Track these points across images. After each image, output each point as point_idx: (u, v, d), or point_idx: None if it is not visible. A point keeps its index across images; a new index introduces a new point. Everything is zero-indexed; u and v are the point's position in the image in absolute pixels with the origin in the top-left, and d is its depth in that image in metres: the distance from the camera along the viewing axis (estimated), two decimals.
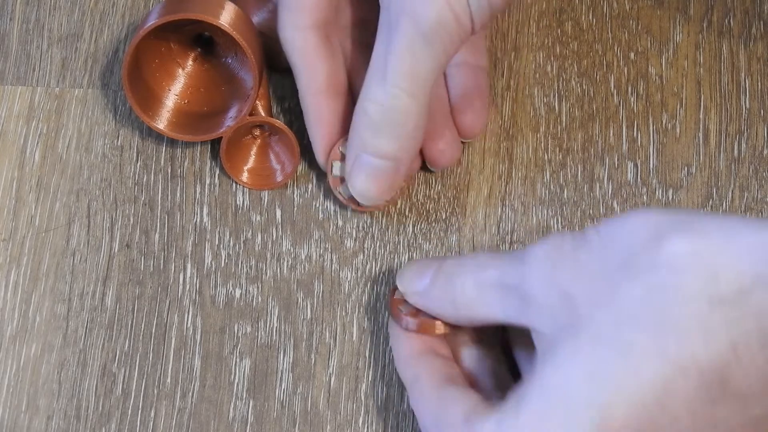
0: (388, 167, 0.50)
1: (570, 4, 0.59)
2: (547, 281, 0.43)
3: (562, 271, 0.43)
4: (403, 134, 0.49)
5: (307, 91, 0.52)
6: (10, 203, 0.55)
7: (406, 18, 0.47)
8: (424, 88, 0.48)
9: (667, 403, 0.39)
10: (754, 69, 0.58)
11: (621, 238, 0.42)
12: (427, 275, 0.49)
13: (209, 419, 0.52)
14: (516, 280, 0.45)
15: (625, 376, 0.40)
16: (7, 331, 0.53)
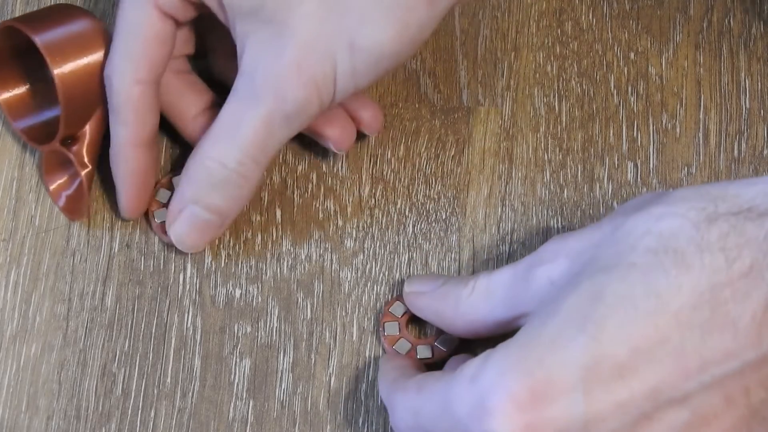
0: (215, 222, 0.51)
1: (570, 4, 0.59)
2: (553, 252, 0.45)
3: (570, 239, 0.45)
4: (238, 195, 0.51)
5: (128, 142, 0.52)
6: (10, 203, 0.55)
7: (272, 95, 0.48)
8: (270, 156, 0.50)
9: (659, 319, 0.40)
10: (754, 69, 0.58)
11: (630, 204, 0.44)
12: (439, 280, 0.50)
13: (209, 419, 0.52)
14: (524, 268, 0.46)
15: (623, 292, 0.40)
16: (7, 331, 0.53)
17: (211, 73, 0.56)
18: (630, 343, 0.40)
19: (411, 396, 0.45)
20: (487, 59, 0.58)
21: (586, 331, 0.40)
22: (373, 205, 0.55)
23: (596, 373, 0.40)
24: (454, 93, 0.57)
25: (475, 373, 0.42)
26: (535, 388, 0.40)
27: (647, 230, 0.41)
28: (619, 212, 0.44)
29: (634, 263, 0.41)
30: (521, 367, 0.40)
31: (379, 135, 0.56)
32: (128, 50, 0.50)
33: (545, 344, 0.40)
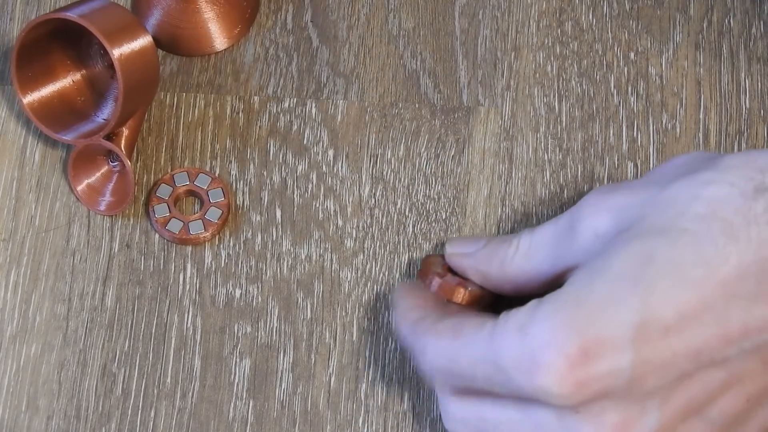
0: None
1: (570, 4, 0.59)
2: (597, 207, 0.45)
3: (614, 194, 0.45)
4: None
5: None
6: (10, 203, 0.55)
7: None
8: None
9: (706, 285, 0.41)
10: (754, 69, 0.58)
11: (677, 161, 0.45)
12: (482, 241, 0.50)
13: (209, 419, 0.52)
14: (566, 222, 0.46)
15: (673, 257, 0.41)
16: (7, 331, 0.53)
17: None
18: (678, 308, 0.41)
19: (446, 342, 0.45)
20: (487, 59, 0.58)
21: (637, 293, 0.41)
22: (373, 205, 0.55)
23: (644, 333, 0.41)
24: (454, 93, 0.57)
25: (524, 324, 0.42)
26: (586, 346, 0.41)
27: (695, 195, 0.42)
28: (662, 172, 0.45)
29: (684, 229, 0.42)
30: (573, 325, 0.41)
31: (379, 134, 0.56)
32: None
33: (597, 303, 0.42)
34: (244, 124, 0.57)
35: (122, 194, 0.54)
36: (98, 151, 0.54)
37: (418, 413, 0.52)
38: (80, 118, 0.55)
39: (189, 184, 0.54)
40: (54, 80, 0.55)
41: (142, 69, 0.53)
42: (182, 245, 0.54)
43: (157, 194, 0.54)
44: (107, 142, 0.53)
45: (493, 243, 0.49)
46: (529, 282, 0.48)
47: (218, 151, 0.56)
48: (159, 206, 0.54)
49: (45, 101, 0.55)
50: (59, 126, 0.54)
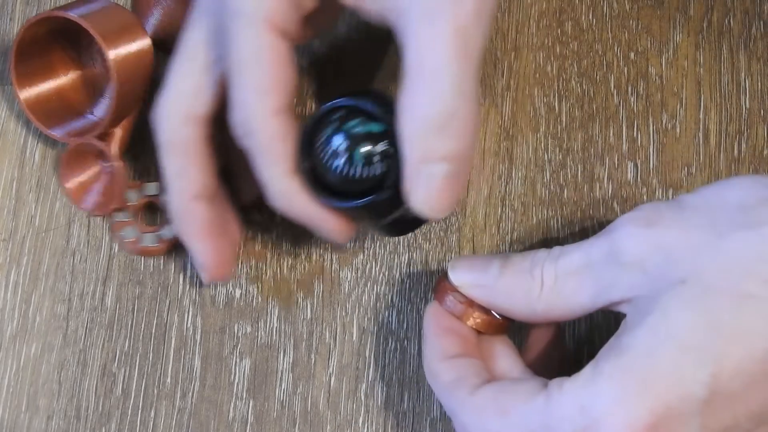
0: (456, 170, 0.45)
1: (570, 4, 0.59)
2: (642, 240, 0.43)
3: (659, 228, 0.43)
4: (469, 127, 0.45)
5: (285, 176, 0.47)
6: (10, 203, 0.55)
7: None
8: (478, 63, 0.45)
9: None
10: (754, 69, 0.58)
11: (729, 196, 0.43)
12: (492, 267, 0.47)
13: (209, 419, 0.52)
14: (603, 252, 0.44)
15: (741, 325, 0.41)
16: (7, 331, 0.53)
17: None
18: (745, 379, 0.41)
19: (489, 418, 0.44)
20: (487, 59, 0.58)
21: (706, 365, 0.41)
22: None
23: (712, 406, 0.41)
24: None
25: (585, 399, 0.41)
26: (654, 422, 0.40)
27: (760, 255, 0.41)
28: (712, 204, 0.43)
29: (750, 294, 0.41)
30: (641, 401, 0.41)
31: None
32: (257, 83, 0.46)
33: (664, 375, 0.41)
34: None
35: (111, 195, 0.54)
36: (90, 150, 0.54)
37: (418, 413, 0.52)
38: (76, 116, 0.55)
39: (155, 195, 0.54)
40: (52, 77, 0.55)
41: (137, 71, 0.53)
42: (138, 255, 0.54)
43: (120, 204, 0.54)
44: (98, 142, 0.53)
45: (510, 274, 0.46)
46: (562, 316, 0.46)
47: None
48: (120, 213, 0.54)
49: (42, 97, 0.55)
50: (55, 123, 0.54)
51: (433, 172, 0.44)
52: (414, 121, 0.44)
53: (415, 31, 0.44)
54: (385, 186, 0.46)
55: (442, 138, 0.44)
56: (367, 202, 0.47)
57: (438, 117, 0.44)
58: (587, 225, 0.55)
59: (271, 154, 0.46)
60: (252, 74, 0.46)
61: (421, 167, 0.44)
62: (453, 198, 0.45)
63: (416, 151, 0.44)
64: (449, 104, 0.44)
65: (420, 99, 0.44)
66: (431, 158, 0.44)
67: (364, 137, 0.46)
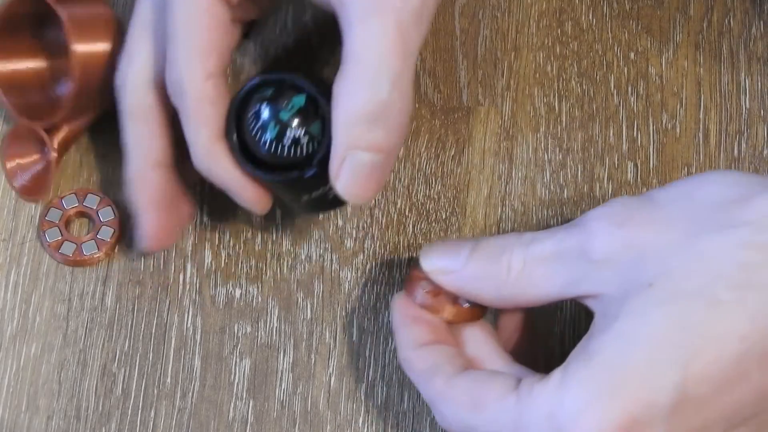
0: (382, 162, 0.47)
1: (570, 4, 0.59)
2: (613, 238, 0.43)
3: (631, 226, 0.43)
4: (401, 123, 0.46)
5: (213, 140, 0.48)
6: (10, 203, 0.55)
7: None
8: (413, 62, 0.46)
9: (743, 359, 0.40)
10: (754, 69, 0.58)
11: (703, 193, 0.43)
12: (461, 253, 0.47)
13: (209, 419, 0.52)
14: (574, 246, 0.44)
15: (712, 328, 0.41)
16: (7, 331, 0.53)
17: None
18: (714, 384, 0.41)
19: (464, 411, 0.44)
20: (487, 59, 0.58)
21: (674, 369, 0.40)
22: (373, 205, 0.55)
23: (680, 412, 0.41)
24: (454, 93, 0.57)
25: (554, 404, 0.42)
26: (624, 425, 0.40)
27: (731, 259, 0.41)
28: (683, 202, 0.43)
29: (720, 300, 0.41)
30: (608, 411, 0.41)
31: None
32: (191, 44, 0.47)
33: (633, 380, 0.41)
34: None
35: (38, 183, 0.54)
36: (33, 135, 0.54)
37: (418, 413, 0.52)
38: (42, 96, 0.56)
39: (78, 205, 0.54)
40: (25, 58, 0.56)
41: (102, 73, 0.52)
42: (76, 267, 0.54)
43: (47, 218, 0.54)
44: (41, 130, 0.53)
45: (478, 258, 0.46)
46: (529, 303, 0.46)
47: None
48: (50, 230, 0.54)
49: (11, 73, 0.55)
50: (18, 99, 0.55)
51: (360, 160, 0.46)
52: (348, 109, 0.45)
53: (358, 21, 0.45)
54: (311, 164, 0.47)
55: (373, 129, 0.45)
56: (291, 178, 0.47)
57: (372, 108, 0.45)
58: None
59: (199, 117, 0.47)
60: (186, 35, 0.47)
61: (348, 154, 0.46)
62: (375, 187, 0.47)
63: (346, 137, 0.46)
64: (385, 98, 0.45)
65: (356, 88, 0.45)
66: (359, 146, 0.46)
67: (294, 114, 0.47)
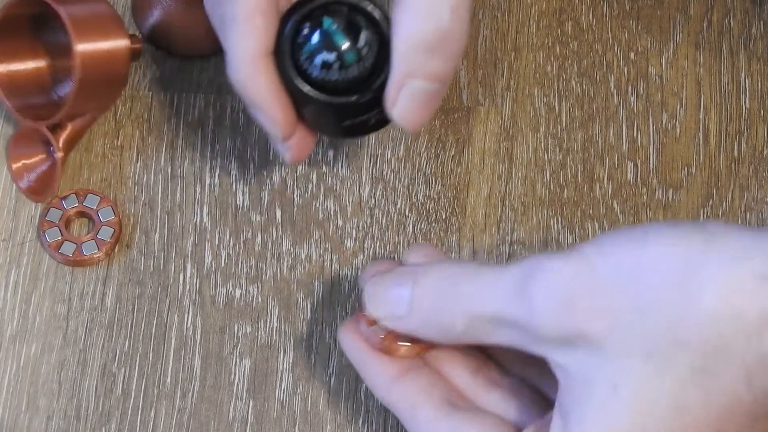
0: (438, 90, 0.47)
1: (570, 4, 0.59)
2: (559, 321, 0.40)
3: (577, 309, 0.40)
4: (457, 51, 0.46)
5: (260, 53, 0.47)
6: (10, 203, 0.55)
7: None
8: None
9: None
10: (754, 69, 0.58)
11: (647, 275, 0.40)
12: (402, 298, 0.44)
13: (209, 419, 0.52)
14: (517, 318, 0.41)
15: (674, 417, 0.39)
16: (7, 331, 0.53)
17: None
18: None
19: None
20: (487, 59, 0.58)
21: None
22: (373, 205, 0.55)
23: None
24: (454, 93, 0.57)
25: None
26: None
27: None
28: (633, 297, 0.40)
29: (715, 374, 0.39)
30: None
31: (379, 135, 0.56)
32: None
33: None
34: (244, 124, 0.57)
35: (44, 183, 0.54)
36: (38, 136, 0.54)
37: None
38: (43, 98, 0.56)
39: (78, 205, 0.54)
40: (21, 60, 0.56)
41: (105, 70, 0.52)
42: (76, 267, 0.54)
43: (47, 218, 0.54)
44: (46, 130, 0.53)
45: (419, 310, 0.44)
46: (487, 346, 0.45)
47: (218, 151, 0.56)
48: (50, 230, 0.54)
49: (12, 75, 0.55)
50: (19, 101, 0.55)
51: (417, 88, 0.46)
52: (408, 36, 0.45)
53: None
54: (363, 89, 0.47)
55: (433, 57, 0.45)
56: (347, 102, 0.48)
57: (432, 36, 0.45)
58: (587, 225, 0.55)
59: (248, 27, 0.46)
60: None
61: (406, 81, 0.46)
62: (429, 114, 0.47)
63: (405, 65, 0.46)
64: (445, 25, 0.45)
65: (416, 16, 0.45)
66: (418, 75, 0.46)
67: (349, 37, 0.47)
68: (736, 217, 0.55)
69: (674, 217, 0.55)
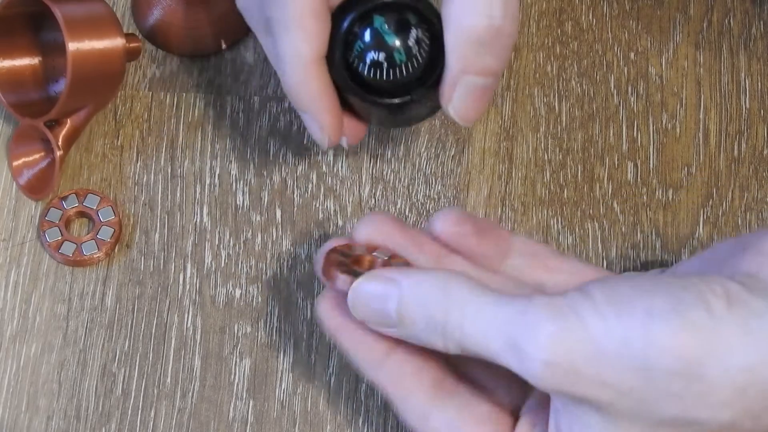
0: (491, 84, 0.47)
1: (570, 4, 0.59)
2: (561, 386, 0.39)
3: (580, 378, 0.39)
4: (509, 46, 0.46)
5: (314, 58, 0.47)
6: (10, 203, 0.55)
7: None
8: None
9: None
10: (754, 69, 0.58)
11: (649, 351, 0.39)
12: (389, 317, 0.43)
13: (209, 419, 0.52)
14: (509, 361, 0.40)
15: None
16: (7, 331, 0.53)
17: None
18: None
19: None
20: None
21: None
22: (373, 205, 0.55)
23: None
24: None
25: None
26: None
27: None
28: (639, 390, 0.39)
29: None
30: None
31: (379, 134, 0.56)
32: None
33: None
34: (244, 124, 0.57)
35: (44, 180, 0.54)
36: (36, 134, 0.54)
37: None
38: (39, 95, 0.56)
39: (78, 205, 0.54)
40: (22, 57, 0.56)
41: (98, 68, 0.52)
42: (76, 267, 0.54)
43: (47, 218, 0.54)
44: (44, 128, 0.53)
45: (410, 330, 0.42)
46: None
47: (218, 151, 0.56)
48: (50, 230, 0.54)
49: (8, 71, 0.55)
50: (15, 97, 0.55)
51: (472, 84, 0.46)
52: (461, 33, 0.46)
53: None
54: (420, 86, 0.48)
55: (486, 53, 0.46)
56: (403, 102, 0.48)
57: (485, 33, 0.45)
58: (587, 225, 0.55)
59: (301, 32, 0.46)
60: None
61: (461, 78, 0.46)
62: (484, 108, 0.48)
63: (460, 61, 0.46)
64: (497, 22, 0.45)
65: (468, 12, 0.45)
66: (472, 71, 0.46)
67: (400, 37, 0.47)
68: (736, 217, 0.55)
69: (674, 217, 0.55)
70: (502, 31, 0.45)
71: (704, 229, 0.55)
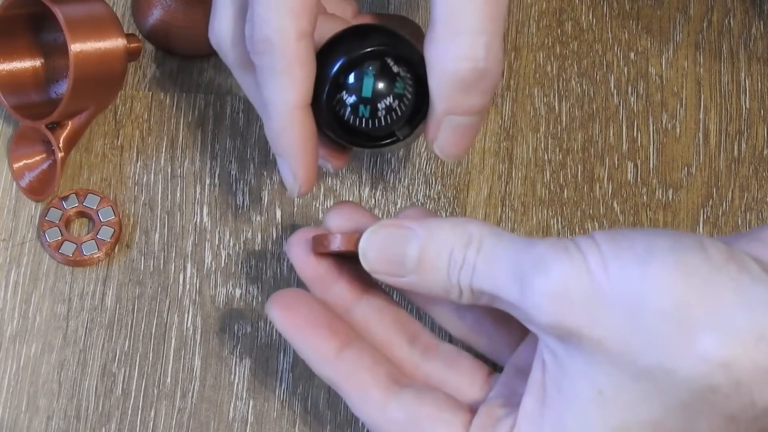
0: (476, 123, 0.47)
1: (570, 4, 0.59)
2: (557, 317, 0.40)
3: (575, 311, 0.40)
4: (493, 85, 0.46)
5: (298, 105, 0.47)
6: (10, 203, 0.55)
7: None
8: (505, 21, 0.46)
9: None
10: (754, 69, 0.58)
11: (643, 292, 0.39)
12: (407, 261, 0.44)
13: (209, 419, 0.52)
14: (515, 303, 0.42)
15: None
16: (7, 331, 0.53)
17: None
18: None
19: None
20: None
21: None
22: (373, 205, 0.55)
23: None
24: None
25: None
26: None
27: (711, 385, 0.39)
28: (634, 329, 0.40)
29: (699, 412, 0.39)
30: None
31: None
32: (284, 2, 0.45)
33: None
34: (244, 124, 0.57)
35: (45, 181, 0.54)
36: (37, 135, 0.55)
37: None
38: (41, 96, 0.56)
39: (78, 205, 0.54)
40: (23, 59, 0.56)
41: (100, 69, 0.52)
42: (76, 267, 0.54)
43: (47, 218, 0.54)
44: (45, 129, 0.53)
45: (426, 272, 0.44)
46: None
47: (218, 151, 0.56)
48: (50, 230, 0.54)
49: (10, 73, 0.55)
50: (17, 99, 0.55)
51: (456, 123, 0.47)
52: (445, 77, 0.46)
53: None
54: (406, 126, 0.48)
55: (470, 94, 0.46)
56: (390, 143, 0.49)
57: (469, 76, 0.45)
58: (587, 225, 0.55)
59: (288, 78, 0.46)
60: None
61: (446, 118, 0.47)
62: (470, 144, 0.48)
63: (444, 103, 0.46)
64: (481, 64, 0.45)
65: (453, 56, 0.45)
66: (457, 111, 0.46)
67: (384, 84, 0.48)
68: (736, 217, 0.55)
69: (674, 217, 0.55)
70: (486, 73, 0.45)
71: (704, 229, 0.55)
